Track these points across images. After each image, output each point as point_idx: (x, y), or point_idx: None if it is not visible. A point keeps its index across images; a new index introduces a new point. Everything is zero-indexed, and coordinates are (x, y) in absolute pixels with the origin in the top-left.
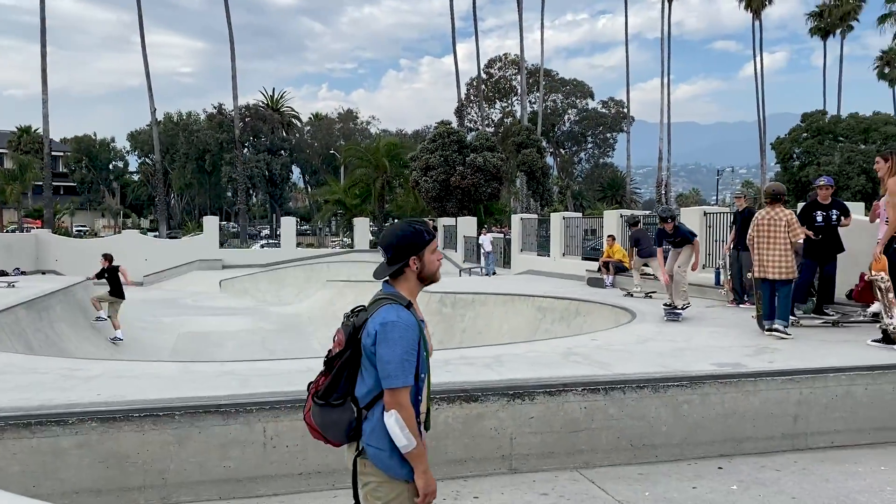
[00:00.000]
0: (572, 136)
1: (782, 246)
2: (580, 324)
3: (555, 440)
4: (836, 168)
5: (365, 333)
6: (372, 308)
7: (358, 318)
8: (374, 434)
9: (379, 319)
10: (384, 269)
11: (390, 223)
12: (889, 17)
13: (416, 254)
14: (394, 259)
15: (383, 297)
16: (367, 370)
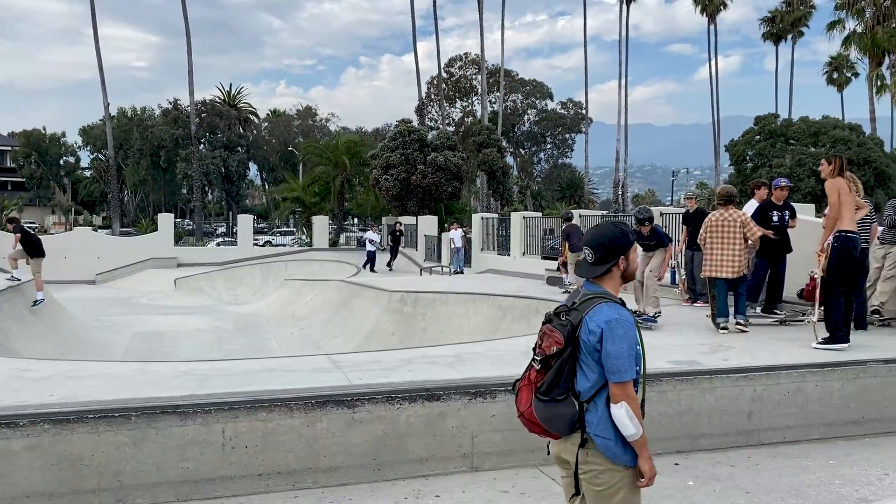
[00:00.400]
0: (532, 137)
1: (737, 246)
2: (540, 322)
3: (516, 438)
4: (787, 170)
5: (585, 331)
6: (584, 307)
7: (573, 318)
8: (600, 425)
9: (603, 318)
10: (589, 268)
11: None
12: (837, 24)
13: (624, 254)
14: (603, 259)
15: (595, 295)
16: (588, 366)
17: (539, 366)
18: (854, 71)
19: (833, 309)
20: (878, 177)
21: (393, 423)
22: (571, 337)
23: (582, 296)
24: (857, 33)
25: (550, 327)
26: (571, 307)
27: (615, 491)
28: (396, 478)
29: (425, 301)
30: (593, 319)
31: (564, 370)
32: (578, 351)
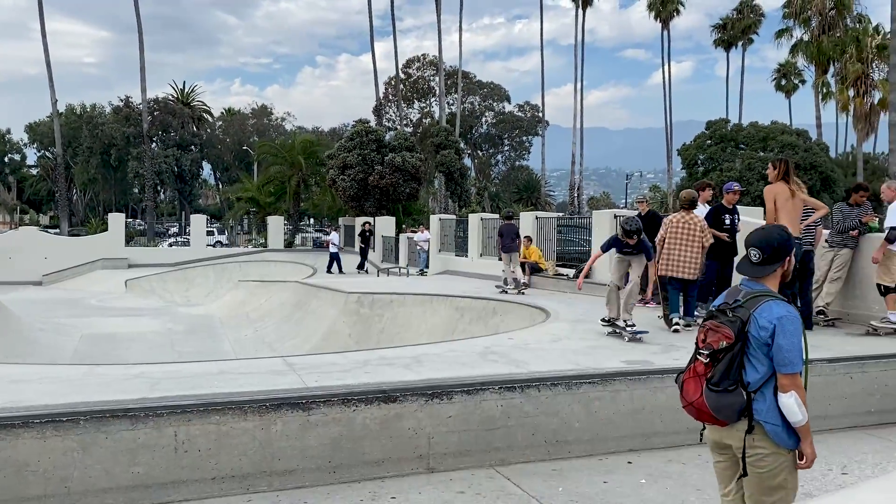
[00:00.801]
0: (489, 139)
1: (697, 249)
2: (497, 323)
3: (472, 438)
4: (737, 174)
5: (755, 327)
6: (751, 304)
7: (741, 314)
8: (769, 412)
9: (774, 314)
10: (755, 268)
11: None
12: (785, 32)
13: (788, 255)
14: (770, 259)
15: (762, 293)
16: (757, 359)
17: (707, 359)
18: (801, 78)
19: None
20: (823, 181)
21: (349, 426)
22: (741, 332)
23: (745, 294)
24: (803, 42)
25: (716, 323)
26: (736, 305)
27: (778, 472)
28: (352, 480)
29: (382, 302)
30: (763, 316)
31: (734, 363)
32: (747, 345)
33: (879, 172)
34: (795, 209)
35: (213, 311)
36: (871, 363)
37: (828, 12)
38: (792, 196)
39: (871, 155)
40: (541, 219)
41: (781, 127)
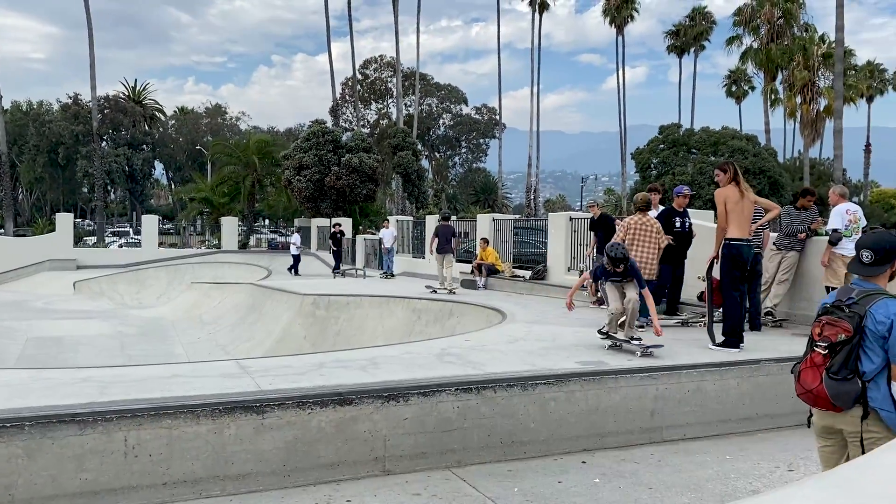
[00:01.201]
0: (447, 141)
1: (654, 249)
2: (454, 325)
3: (428, 440)
4: (689, 178)
5: (872, 322)
6: (866, 301)
7: (858, 310)
8: (884, 400)
9: (891, 311)
10: (866, 268)
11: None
12: (736, 39)
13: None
14: (882, 260)
15: (876, 292)
16: (872, 351)
17: (825, 351)
18: (751, 84)
19: (731, 314)
20: (772, 185)
21: (304, 429)
22: (859, 326)
23: (859, 292)
24: (753, 49)
25: (833, 318)
26: (851, 302)
27: None
28: (307, 483)
29: (338, 304)
30: (880, 312)
31: (851, 354)
32: (863, 338)
33: (825, 177)
34: (745, 211)
35: (165, 313)
36: None
37: (776, 21)
38: (741, 198)
39: (818, 160)
40: (498, 221)
41: (732, 132)
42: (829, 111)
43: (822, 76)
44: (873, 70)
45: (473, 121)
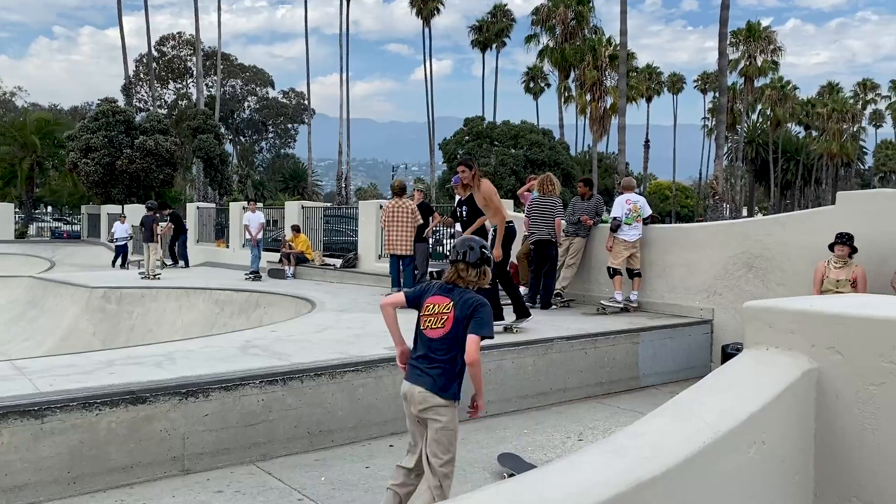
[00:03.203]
0: (253, 125)
1: (408, 229)
2: (260, 315)
3: (231, 435)
4: (492, 169)
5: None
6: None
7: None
8: None
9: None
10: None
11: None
12: (534, 38)
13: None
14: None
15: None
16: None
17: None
18: (547, 81)
19: (515, 293)
20: (565, 177)
21: (91, 432)
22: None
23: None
24: (549, 48)
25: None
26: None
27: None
28: (96, 490)
29: (132, 297)
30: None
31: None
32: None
33: (611, 170)
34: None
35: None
36: (602, 339)
37: (569, 22)
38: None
39: (604, 154)
40: (307, 208)
41: (530, 126)
42: (614, 109)
43: (609, 76)
44: (652, 73)
45: (281, 105)
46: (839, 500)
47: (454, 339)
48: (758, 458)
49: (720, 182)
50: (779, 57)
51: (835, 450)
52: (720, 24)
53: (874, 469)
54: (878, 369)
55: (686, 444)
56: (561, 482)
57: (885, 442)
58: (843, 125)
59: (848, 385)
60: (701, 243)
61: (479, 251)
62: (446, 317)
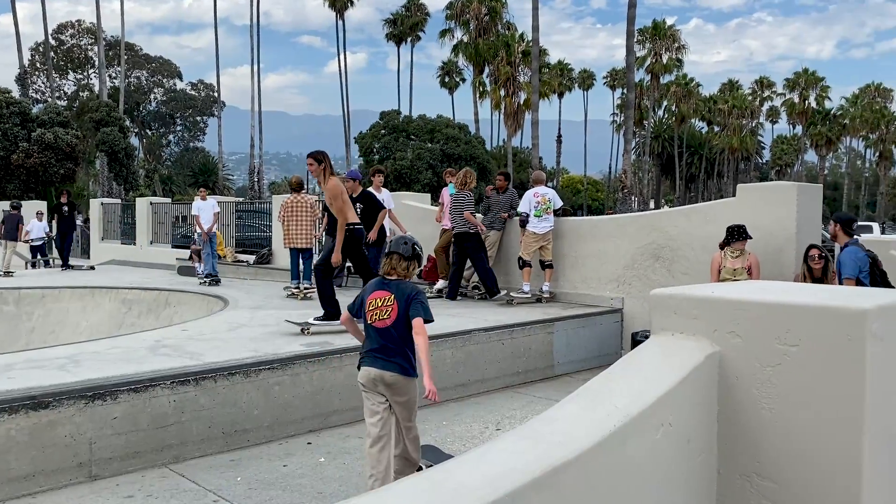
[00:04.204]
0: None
1: (308, 223)
2: (170, 314)
3: (141, 439)
4: (408, 163)
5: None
6: None
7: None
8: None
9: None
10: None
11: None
12: (448, 32)
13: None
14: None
15: None
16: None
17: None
18: (462, 76)
19: (324, 292)
20: (481, 171)
21: None
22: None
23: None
24: (463, 43)
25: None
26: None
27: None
28: None
29: (32, 298)
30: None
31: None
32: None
33: (525, 164)
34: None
35: None
36: (519, 330)
37: (483, 17)
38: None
39: (519, 149)
40: (219, 203)
41: (446, 121)
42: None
43: (522, 72)
44: (563, 69)
45: (189, 97)
46: (741, 476)
47: (401, 326)
48: (665, 440)
49: (629, 176)
50: (683, 55)
51: (736, 429)
52: (628, 23)
53: (771, 445)
54: (774, 351)
55: (598, 428)
56: (478, 470)
57: (780, 419)
58: (742, 121)
59: (747, 367)
60: (611, 235)
61: (410, 248)
62: (390, 309)
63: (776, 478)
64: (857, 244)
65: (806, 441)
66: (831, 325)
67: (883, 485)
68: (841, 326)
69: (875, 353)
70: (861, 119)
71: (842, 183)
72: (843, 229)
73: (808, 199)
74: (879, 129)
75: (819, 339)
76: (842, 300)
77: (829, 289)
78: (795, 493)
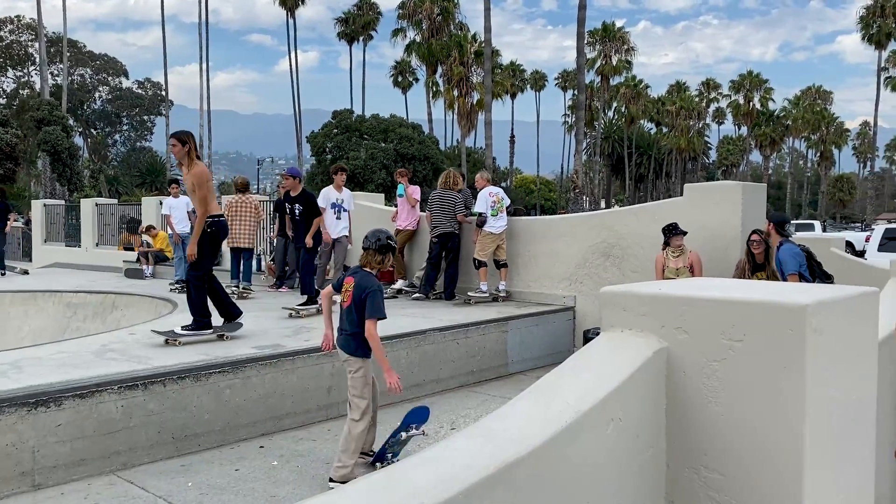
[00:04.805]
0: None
1: (251, 223)
2: (118, 318)
3: (87, 446)
4: (362, 163)
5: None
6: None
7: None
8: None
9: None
10: None
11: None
12: (400, 32)
13: None
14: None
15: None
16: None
17: None
18: (415, 76)
19: (197, 299)
20: (435, 172)
21: None
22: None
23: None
24: (416, 42)
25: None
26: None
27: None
28: None
29: None
30: None
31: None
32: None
33: (479, 164)
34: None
35: None
36: (473, 329)
37: (435, 17)
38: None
39: (473, 149)
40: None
41: (399, 120)
42: (481, 105)
43: (475, 72)
44: (515, 70)
45: (136, 96)
46: (688, 469)
47: (352, 312)
48: (615, 434)
49: (580, 176)
50: (632, 57)
51: (683, 422)
52: (578, 24)
53: (717, 438)
54: (719, 346)
55: (550, 424)
56: (432, 469)
57: (725, 412)
58: (689, 122)
59: (694, 362)
60: (563, 234)
61: (384, 241)
62: (348, 294)
63: (722, 469)
64: (790, 241)
65: (750, 432)
66: (774, 320)
67: (824, 472)
68: (783, 321)
69: (815, 346)
70: (803, 120)
71: (785, 182)
72: (777, 229)
73: (752, 198)
74: (820, 131)
75: (762, 334)
76: (783, 296)
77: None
78: (741, 484)
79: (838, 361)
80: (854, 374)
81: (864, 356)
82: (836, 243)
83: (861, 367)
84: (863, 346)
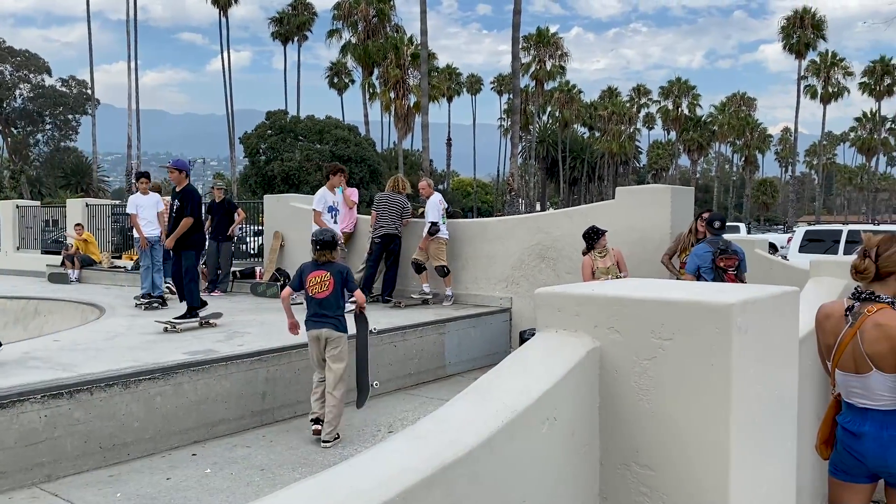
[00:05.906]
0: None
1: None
2: (41, 324)
3: (8, 457)
4: (297, 164)
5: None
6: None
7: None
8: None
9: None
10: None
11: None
12: (336, 32)
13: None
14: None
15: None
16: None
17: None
18: (351, 77)
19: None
20: (371, 174)
21: None
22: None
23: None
24: (351, 44)
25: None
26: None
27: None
28: None
29: None
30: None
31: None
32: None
33: (416, 167)
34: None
35: None
36: (411, 331)
37: (371, 19)
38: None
39: (410, 151)
40: (93, 206)
41: (335, 122)
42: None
43: (412, 75)
44: (452, 73)
45: (60, 94)
46: (621, 465)
47: (337, 296)
48: (551, 434)
49: (515, 179)
50: (565, 62)
51: (616, 420)
52: (513, 29)
53: (648, 434)
54: (650, 345)
55: (487, 425)
56: (371, 471)
57: (656, 409)
58: (621, 126)
59: (626, 361)
60: (499, 237)
61: (330, 238)
62: (327, 283)
63: (653, 465)
64: (709, 242)
65: (679, 428)
66: (701, 319)
67: (749, 466)
68: (709, 320)
69: (739, 345)
70: (729, 126)
71: (712, 185)
72: (707, 226)
73: (681, 200)
74: (745, 136)
75: (690, 333)
76: (710, 296)
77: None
78: (670, 478)
79: (762, 358)
80: (777, 371)
81: (786, 353)
82: (760, 245)
83: (783, 364)
84: (785, 344)
